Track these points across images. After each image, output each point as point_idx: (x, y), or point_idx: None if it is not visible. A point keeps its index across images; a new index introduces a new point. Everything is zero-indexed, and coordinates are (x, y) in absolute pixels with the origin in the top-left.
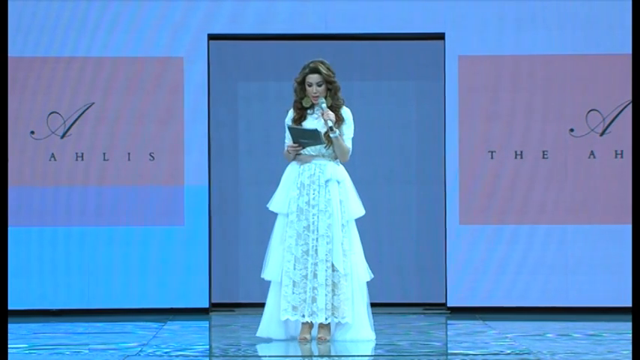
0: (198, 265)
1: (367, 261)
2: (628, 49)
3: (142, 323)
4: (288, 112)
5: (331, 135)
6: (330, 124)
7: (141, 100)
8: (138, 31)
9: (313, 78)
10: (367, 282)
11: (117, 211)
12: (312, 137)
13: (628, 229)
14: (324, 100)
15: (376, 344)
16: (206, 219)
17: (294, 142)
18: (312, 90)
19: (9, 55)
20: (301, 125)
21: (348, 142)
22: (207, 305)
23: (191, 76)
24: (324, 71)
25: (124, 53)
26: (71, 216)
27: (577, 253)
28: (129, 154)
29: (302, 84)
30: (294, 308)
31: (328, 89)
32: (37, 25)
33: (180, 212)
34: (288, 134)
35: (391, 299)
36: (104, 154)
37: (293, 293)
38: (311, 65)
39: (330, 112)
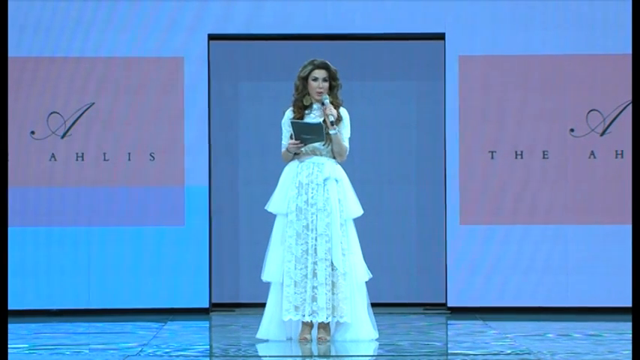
0: (199, 266)
1: (367, 261)
2: (628, 49)
3: (142, 323)
4: (284, 112)
5: (331, 132)
6: (332, 119)
7: (141, 101)
8: (138, 31)
9: (320, 73)
10: (366, 282)
11: (117, 211)
12: (315, 132)
13: (628, 229)
14: (327, 96)
15: (376, 344)
16: (206, 219)
17: (295, 139)
18: (318, 85)
19: (9, 54)
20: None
21: (345, 142)
22: (207, 305)
23: (191, 77)
24: (332, 68)
25: (125, 53)
26: (71, 216)
27: (577, 253)
28: (129, 154)
29: (305, 80)
30: (296, 308)
31: (331, 87)
32: (39, 24)
33: (181, 213)
34: (285, 134)
35: (391, 299)
36: (104, 154)
37: (295, 293)
38: (316, 62)
39: (333, 108)
